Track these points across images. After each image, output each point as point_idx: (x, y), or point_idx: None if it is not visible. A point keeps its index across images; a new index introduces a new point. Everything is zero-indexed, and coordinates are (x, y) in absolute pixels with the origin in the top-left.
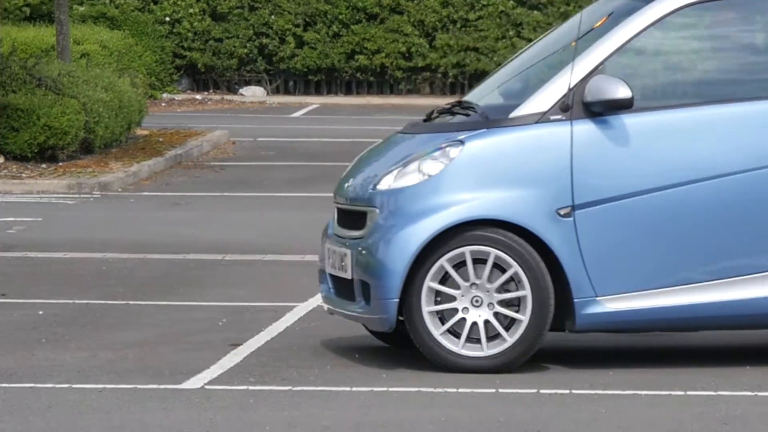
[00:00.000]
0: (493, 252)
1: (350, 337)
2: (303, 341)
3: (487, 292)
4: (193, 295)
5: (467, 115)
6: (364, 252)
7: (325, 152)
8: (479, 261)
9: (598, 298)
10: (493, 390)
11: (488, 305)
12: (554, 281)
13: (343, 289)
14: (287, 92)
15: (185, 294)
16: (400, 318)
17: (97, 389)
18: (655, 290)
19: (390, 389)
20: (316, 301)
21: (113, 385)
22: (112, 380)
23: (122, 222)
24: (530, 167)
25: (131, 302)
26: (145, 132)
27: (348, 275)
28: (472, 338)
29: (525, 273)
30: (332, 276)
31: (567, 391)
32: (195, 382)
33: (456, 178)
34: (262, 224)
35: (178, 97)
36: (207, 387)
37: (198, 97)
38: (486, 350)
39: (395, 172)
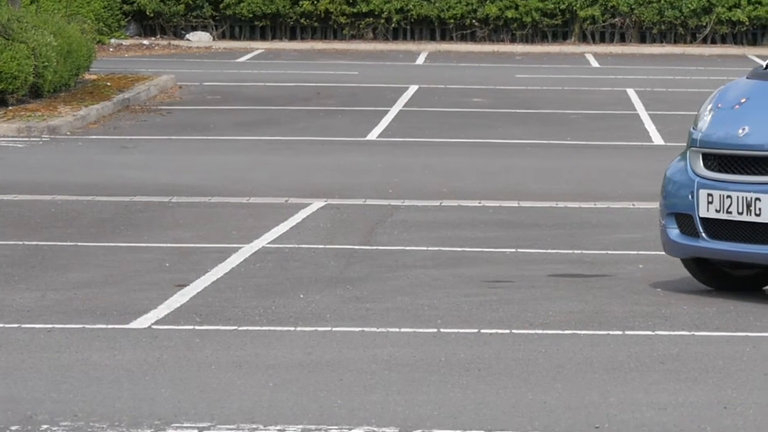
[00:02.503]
0: None
1: (294, 279)
2: (248, 282)
3: None
4: (141, 236)
5: None
6: None
7: (270, 96)
8: None
9: None
10: (435, 330)
11: None
12: None
13: (745, 231)
14: (233, 37)
15: (132, 235)
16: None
17: (46, 329)
18: None
19: (334, 329)
20: (261, 242)
21: (62, 324)
22: (61, 320)
23: (71, 165)
24: None
25: (80, 244)
26: (94, 77)
27: (763, 219)
28: None
29: None
30: (711, 220)
31: (507, 331)
32: (142, 322)
33: None
34: (208, 167)
35: (126, 42)
36: (154, 327)
37: (145, 42)
38: None
39: None
